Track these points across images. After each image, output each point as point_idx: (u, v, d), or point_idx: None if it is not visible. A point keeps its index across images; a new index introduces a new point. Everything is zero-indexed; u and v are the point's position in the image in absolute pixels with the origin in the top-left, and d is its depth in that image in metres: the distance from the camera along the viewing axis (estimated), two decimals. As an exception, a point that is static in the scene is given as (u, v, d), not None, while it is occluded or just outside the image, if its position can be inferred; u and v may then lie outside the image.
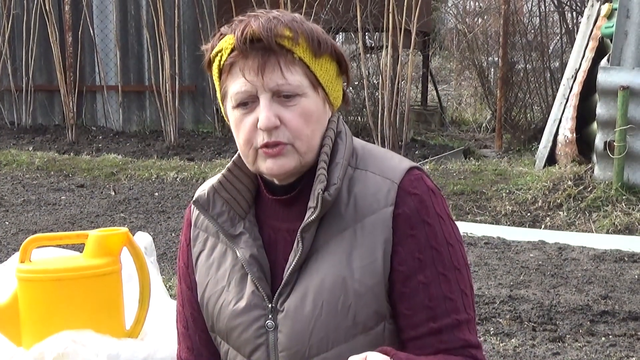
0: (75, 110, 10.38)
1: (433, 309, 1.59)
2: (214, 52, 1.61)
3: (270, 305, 1.63)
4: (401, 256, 1.59)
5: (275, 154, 1.58)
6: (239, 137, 1.61)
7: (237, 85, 1.58)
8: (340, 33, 11.92)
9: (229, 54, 1.58)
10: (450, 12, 15.07)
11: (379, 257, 1.58)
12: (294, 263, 1.61)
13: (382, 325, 1.61)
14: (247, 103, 1.58)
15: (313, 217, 1.58)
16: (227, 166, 1.71)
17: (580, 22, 9.22)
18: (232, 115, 1.62)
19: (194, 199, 1.72)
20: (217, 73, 1.62)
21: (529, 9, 12.43)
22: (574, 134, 7.94)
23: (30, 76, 10.89)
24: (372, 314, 1.59)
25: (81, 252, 2.71)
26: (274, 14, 1.59)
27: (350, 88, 10.79)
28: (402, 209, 1.59)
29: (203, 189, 1.73)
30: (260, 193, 1.70)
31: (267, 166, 1.59)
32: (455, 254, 1.61)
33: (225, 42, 1.59)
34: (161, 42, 9.94)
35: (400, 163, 1.65)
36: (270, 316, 1.63)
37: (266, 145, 1.57)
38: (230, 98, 1.61)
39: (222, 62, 1.60)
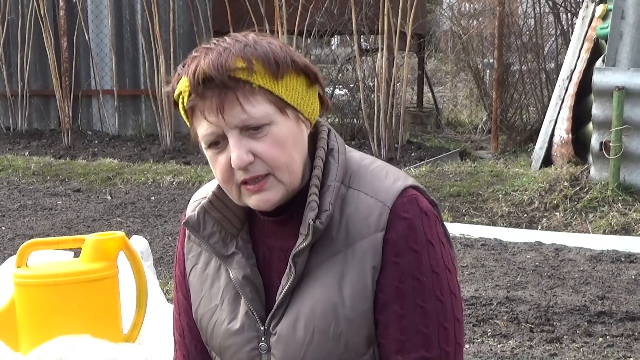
0: (70, 114, 10.37)
1: (403, 342, 1.55)
2: (175, 94, 1.55)
3: (263, 328, 1.61)
4: (382, 283, 1.55)
5: (257, 189, 1.53)
6: (217, 177, 1.57)
7: (202, 128, 1.53)
8: (336, 36, 11.93)
9: (188, 97, 1.52)
10: (445, 14, 15.08)
11: (368, 283, 1.55)
12: (286, 287, 1.58)
13: (372, 350, 1.59)
14: (218, 142, 1.53)
15: (305, 244, 1.54)
16: (217, 183, 1.66)
17: (575, 24, 9.24)
18: (206, 154, 1.57)
19: (185, 218, 1.68)
20: (185, 114, 1.57)
21: (524, 10, 12.46)
22: (570, 135, 7.95)
23: (26, 81, 10.88)
24: (363, 339, 1.57)
25: (78, 256, 2.71)
26: (224, 45, 1.51)
27: (346, 91, 10.88)
28: (390, 234, 1.54)
29: (197, 200, 1.70)
30: (253, 210, 1.66)
31: (252, 203, 1.55)
32: (440, 283, 1.55)
33: (182, 85, 1.53)
34: (156, 46, 9.94)
35: (394, 183, 1.59)
36: (263, 338, 1.61)
37: (246, 182, 1.53)
38: (201, 139, 1.56)
39: (184, 105, 1.54)
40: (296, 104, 1.55)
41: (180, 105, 1.56)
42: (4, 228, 6.59)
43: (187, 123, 1.59)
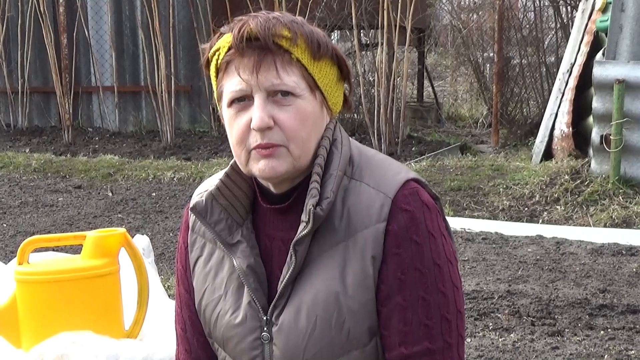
0: (71, 111, 10.37)
1: (406, 333, 1.55)
2: (212, 51, 1.58)
3: (265, 318, 1.62)
4: (384, 274, 1.55)
5: (268, 154, 1.53)
6: (232, 137, 1.58)
7: (232, 84, 1.55)
8: (336, 31, 11.93)
9: (226, 52, 1.55)
10: (445, 8, 15.07)
11: (369, 274, 1.55)
12: (287, 276, 1.58)
13: (375, 341, 1.59)
14: (242, 100, 1.55)
15: (305, 231, 1.55)
16: (225, 171, 1.67)
17: (575, 17, 9.23)
18: (226, 113, 1.58)
19: (191, 204, 1.68)
20: (215, 72, 1.59)
21: (524, 3, 12.46)
22: (571, 128, 7.95)
23: (26, 78, 10.89)
24: (365, 330, 1.57)
25: (79, 253, 2.71)
26: (274, 15, 1.56)
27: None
28: (392, 225, 1.55)
29: (200, 193, 1.70)
30: (257, 199, 1.67)
31: (259, 167, 1.55)
32: (442, 276, 1.56)
33: (223, 41, 1.56)
34: (156, 42, 9.93)
35: (396, 175, 1.60)
36: (265, 328, 1.62)
37: (259, 147, 1.54)
38: (225, 96, 1.57)
39: (219, 61, 1.57)
40: (325, 90, 1.60)
41: (213, 63, 1.59)
42: (5, 225, 6.60)
43: (214, 82, 1.62)
